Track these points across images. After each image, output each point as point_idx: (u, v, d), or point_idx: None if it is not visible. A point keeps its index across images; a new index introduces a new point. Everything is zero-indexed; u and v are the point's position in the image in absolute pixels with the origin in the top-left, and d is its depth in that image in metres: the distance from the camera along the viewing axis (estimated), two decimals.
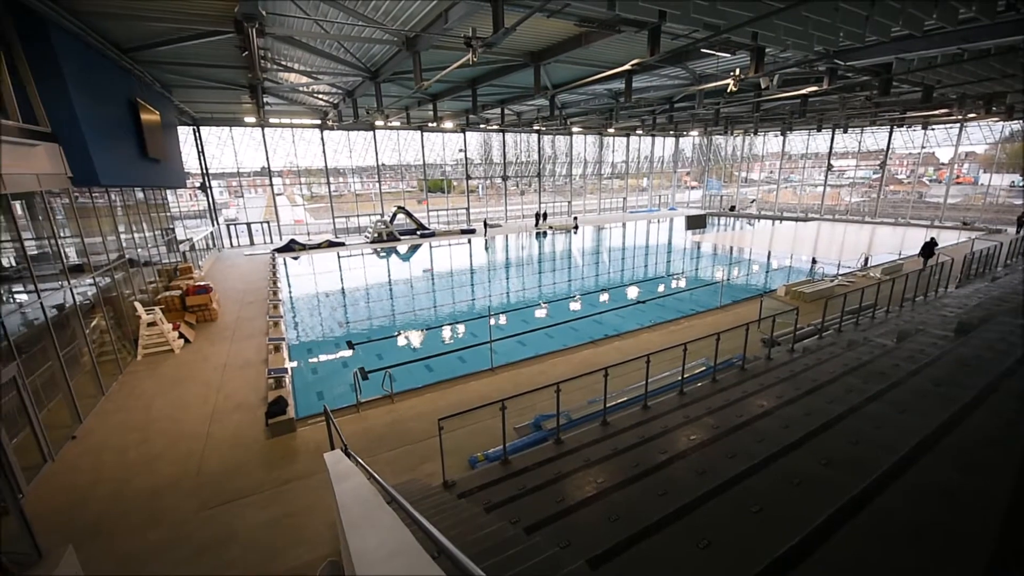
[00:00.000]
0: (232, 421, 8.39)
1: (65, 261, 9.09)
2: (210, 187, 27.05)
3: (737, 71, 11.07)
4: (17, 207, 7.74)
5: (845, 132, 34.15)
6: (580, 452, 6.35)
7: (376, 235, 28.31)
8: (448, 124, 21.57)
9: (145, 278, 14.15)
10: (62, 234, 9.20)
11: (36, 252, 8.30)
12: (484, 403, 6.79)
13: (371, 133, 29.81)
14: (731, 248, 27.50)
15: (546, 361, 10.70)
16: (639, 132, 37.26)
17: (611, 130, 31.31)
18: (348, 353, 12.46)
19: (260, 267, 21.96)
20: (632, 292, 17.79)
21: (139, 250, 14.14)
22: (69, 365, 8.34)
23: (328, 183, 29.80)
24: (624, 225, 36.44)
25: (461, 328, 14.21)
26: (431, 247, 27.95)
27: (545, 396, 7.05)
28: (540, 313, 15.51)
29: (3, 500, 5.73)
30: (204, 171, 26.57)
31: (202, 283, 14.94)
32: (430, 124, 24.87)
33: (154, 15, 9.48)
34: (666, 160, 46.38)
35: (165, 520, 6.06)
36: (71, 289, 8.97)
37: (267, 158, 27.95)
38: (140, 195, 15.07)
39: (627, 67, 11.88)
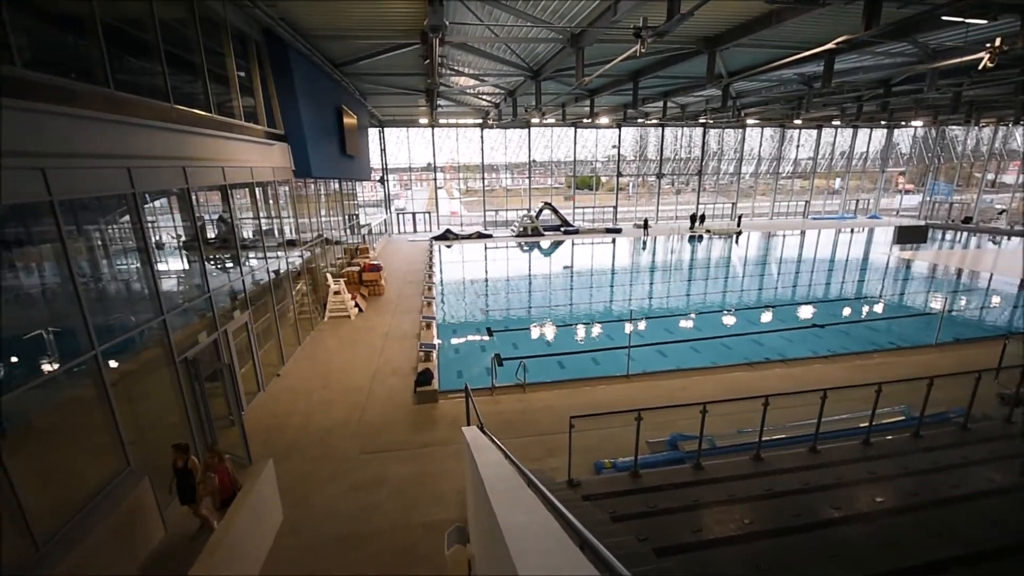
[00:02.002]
0: (388, 383, 9.59)
1: (283, 236, 11.43)
2: (387, 180, 31.47)
3: (997, 41, 8.38)
4: (258, 193, 9.96)
5: None
6: (724, 484, 5.61)
7: (522, 229, 29.40)
8: (603, 119, 21.02)
9: (334, 254, 17.05)
10: (282, 215, 11.55)
11: (266, 228, 10.58)
12: (616, 410, 6.49)
13: (526, 130, 31.00)
14: (959, 271, 21.46)
15: (689, 377, 9.78)
16: (836, 123, 31.10)
17: (797, 121, 26.42)
18: (487, 338, 13.20)
19: (420, 252, 24.71)
20: (806, 312, 15.20)
21: (332, 231, 17.07)
22: (280, 318, 10.50)
23: (483, 178, 32.03)
24: (803, 233, 31.26)
25: (597, 329, 13.89)
26: (574, 244, 27.99)
27: (684, 414, 6.41)
28: (686, 324, 14.28)
29: (231, 414, 7.51)
30: (384, 166, 31.08)
31: (375, 262, 17.42)
32: (584, 120, 24.63)
33: (362, 34, 11.22)
34: (871, 157, 37.44)
35: (334, 455, 7.21)
36: (286, 259, 11.25)
37: (433, 155, 31.28)
38: (335, 186, 18.14)
39: (829, 46, 9.97)
